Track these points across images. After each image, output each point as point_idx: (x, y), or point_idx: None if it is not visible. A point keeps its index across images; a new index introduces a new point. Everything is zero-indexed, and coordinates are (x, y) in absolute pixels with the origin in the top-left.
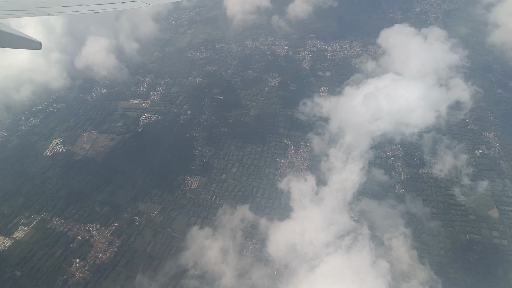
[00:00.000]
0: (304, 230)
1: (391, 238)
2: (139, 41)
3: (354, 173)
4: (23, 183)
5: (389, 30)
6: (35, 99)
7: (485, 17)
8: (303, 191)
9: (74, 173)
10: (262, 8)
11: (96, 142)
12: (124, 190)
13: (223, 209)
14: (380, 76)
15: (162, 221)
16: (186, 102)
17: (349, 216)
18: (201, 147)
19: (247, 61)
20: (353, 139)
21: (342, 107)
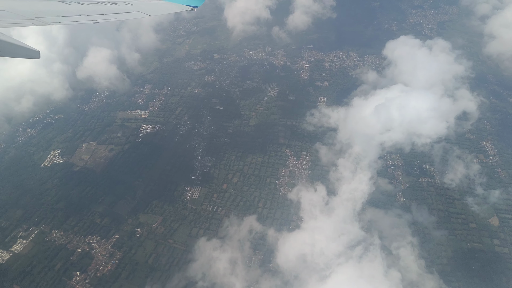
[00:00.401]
0: (314, 240)
1: (399, 248)
2: (138, 51)
3: (363, 183)
4: (21, 195)
5: (394, 42)
6: (36, 110)
7: (480, 28)
8: (312, 201)
9: (73, 184)
10: (262, 19)
11: (95, 153)
12: (124, 201)
13: (229, 220)
14: (388, 87)
15: (164, 232)
16: (186, 112)
17: (359, 226)
18: (201, 157)
19: (246, 71)
20: (361, 149)
21: (352, 118)
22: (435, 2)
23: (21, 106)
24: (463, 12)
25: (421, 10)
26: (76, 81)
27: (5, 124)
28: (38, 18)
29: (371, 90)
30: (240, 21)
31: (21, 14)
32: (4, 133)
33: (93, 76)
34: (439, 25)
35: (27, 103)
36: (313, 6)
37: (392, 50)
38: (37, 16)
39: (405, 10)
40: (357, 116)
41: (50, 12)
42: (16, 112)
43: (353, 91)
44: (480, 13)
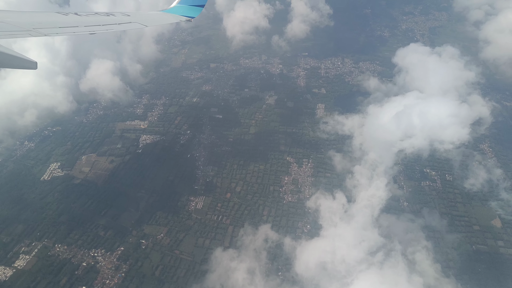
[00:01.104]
0: (334, 247)
1: (415, 252)
2: (135, 62)
3: (380, 189)
4: (21, 210)
5: (405, 49)
6: (40, 124)
7: (474, 34)
8: (331, 209)
9: (75, 197)
10: (259, 28)
11: (96, 165)
12: (127, 213)
13: (241, 230)
14: (404, 94)
15: (169, 243)
16: (185, 122)
17: (378, 232)
18: (203, 166)
19: (243, 79)
20: (378, 156)
21: (368, 125)
22: (425, 8)
23: (25, 120)
24: (456, 18)
25: (412, 17)
26: (79, 94)
27: (8, 138)
28: (35, 29)
29: (382, 97)
30: (237, 30)
31: (18, 25)
32: (1, 147)
33: (96, 88)
34: (430, 31)
35: (31, 117)
36: (310, 14)
37: (402, 58)
38: (35, 27)
39: (397, 17)
40: (373, 123)
41: (48, 23)
42: (19, 125)
43: (355, 98)
44: (473, 19)
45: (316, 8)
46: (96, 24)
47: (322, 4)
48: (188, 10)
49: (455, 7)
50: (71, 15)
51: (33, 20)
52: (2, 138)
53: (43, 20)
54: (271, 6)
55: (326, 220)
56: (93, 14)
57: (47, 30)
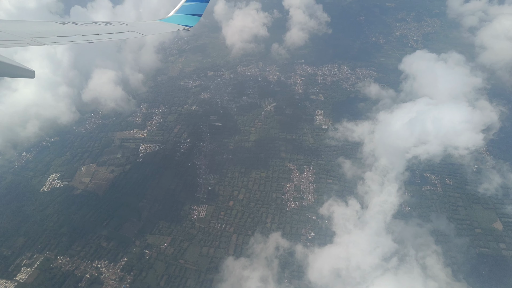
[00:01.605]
0: (348, 254)
1: (425, 257)
2: (134, 71)
3: (392, 195)
4: (21, 222)
5: (411, 56)
6: (42, 135)
7: (469, 40)
8: (345, 215)
9: (75, 208)
10: (258, 36)
11: (96, 175)
12: (130, 223)
13: (255, 238)
14: (414, 100)
15: (174, 252)
16: (185, 130)
17: (391, 238)
18: (205, 175)
19: (241, 87)
20: (389, 162)
21: (381, 131)
22: (417, 15)
23: (27, 131)
24: (450, 24)
25: (405, 23)
26: (81, 104)
27: (11, 150)
28: (33, 39)
29: (391, 103)
30: (235, 39)
31: (17, 34)
32: (1, 159)
33: (99, 98)
34: (423, 37)
35: (33, 128)
36: (307, 22)
37: (409, 64)
38: (33, 37)
39: (390, 24)
40: (384, 129)
41: (46, 33)
42: (21, 137)
43: (356, 104)
44: (467, 25)
45: (312, 16)
46: (94, 33)
47: (320, 12)
48: (186, 19)
49: (449, 14)
50: (69, 24)
51: (32, 29)
52: (4, 150)
53: (41, 30)
54: (269, 15)
55: (337, 226)
56: (91, 23)
57: (45, 39)
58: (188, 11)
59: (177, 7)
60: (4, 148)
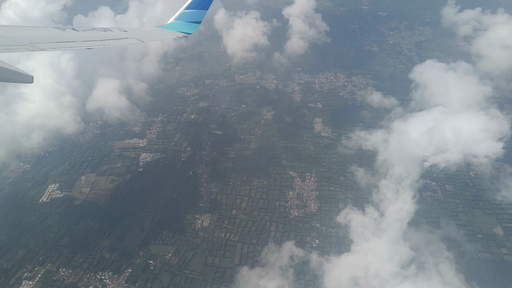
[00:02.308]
0: (366, 262)
1: (438, 264)
2: (139, 80)
3: (407, 203)
4: (21, 234)
5: (421, 66)
6: (47, 145)
7: (465, 48)
8: (363, 223)
9: (76, 219)
10: (257, 45)
11: (96, 185)
12: (132, 234)
13: (268, 247)
14: (429, 109)
15: (178, 263)
16: (185, 139)
17: (409, 245)
18: (207, 183)
19: (239, 95)
20: (403, 170)
21: (397, 140)
22: (409, 24)
23: (31, 142)
24: (445, 33)
25: (398, 32)
26: (86, 113)
27: (15, 161)
28: (32, 44)
29: (403, 112)
30: (234, 47)
31: (15, 40)
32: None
33: (103, 107)
34: (417, 45)
35: (37, 138)
36: (307, 31)
37: (420, 74)
38: (32, 42)
39: (383, 32)
40: (400, 138)
41: (45, 38)
42: (25, 147)
43: (359, 112)
44: (462, 34)
45: (310, 25)
46: (93, 40)
47: (318, 22)
48: (185, 26)
49: (443, 23)
50: (69, 30)
51: (31, 34)
52: (9, 162)
53: (40, 35)
54: (268, 24)
55: (354, 234)
56: (90, 30)
57: (44, 44)
58: (187, 18)
59: (176, 15)
60: (8, 159)
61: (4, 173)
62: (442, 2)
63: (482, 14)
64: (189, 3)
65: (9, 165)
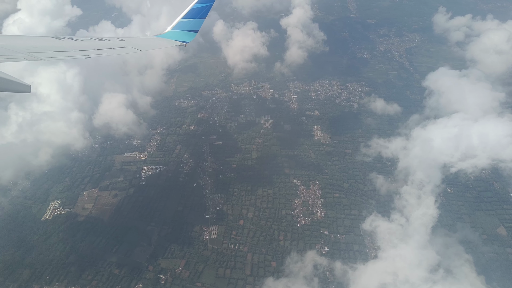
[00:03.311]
0: (395, 268)
1: (459, 266)
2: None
3: (430, 208)
4: (25, 253)
5: (435, 73)
6: (54, 163)
7: (459, 54)
8: (390, 230)
9: (81, 235)
10: (256, 56)
11: (99, 200)
12: (140, 248)
13: (291, 257)
14: (449, 116)
15: (189, 276)
16: (186, 150)
17: (434, 250)
18: (211, 195)
19: (237, 105)
20: (425, 176)
21: (421, 147)
22: (398, 30)
23: (39, 160)
24: (437, 39)
25: (387, 39)
26: (93, 129)
27: (24, 180)
28: (30, 54)
29: (420, 119)
30: (235, 58)
31: (13, 49)
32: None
33: (110, 122)
34: (407, 51)
35: (45, 156)
36: (305, 41)
37: (434, 81)
38: (30, 52)
39: (374, 39)
40: (423, 145)
41: (43, 48)
42: (33, 165)
43: (363, 119)
44: (454, 40)
45: (303, 35)
46: (91, 49)
47: (312, 31)
48: (182, 35)
49: (435, 30)
50: (66, 39)
51: (28, 44)
52: (17, 180)
53: (38, 44)
54: (266, 34)
55: (381, 241)
56: (88, 39)
57: (42, 54)
58: (184, 27)
59: (174, 23)
60: (16, 178)
61: (2, 191)
62: (428, 9)
63: (472, 21)
64: (187, 12)
65: (18, 184)
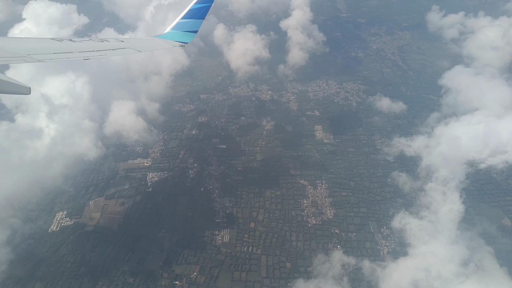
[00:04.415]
0: (427, 264)
1: (482, 259)
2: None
3: (456, 203)
4: (35, 266)
5: (451, 72)
6: (68, 173)
7: (455, 51)
8: (420, 227)
9: (91, 246)
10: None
11: (106, 209)
12: (153, 255)
13: (318, 258)
14: (472, 113)
15: (205, 281)
16: (189, 155)
17: (465, 244)
18: (220, 198)
19: (237, 108)
20: (449, 172)
21: (447, 144)
22: (388, 29)
23: (52, 171)
24: (424, 36)
25: (379, 37)
26: (104, 137)
27: (39, 192)
28: (29, 55)
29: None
30: (243, 63)
31: (12, 51)
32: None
33: (121, 130)
34: (399, 49)
35: (58, 167)
36: (298, 42)
37: (451, 79)
38: (29, 53)
39: (366, 38)
40: (449, 142)
41: (42, 49)
42: (47, 177)
43: (371, 118)
44: (449, 37)
45: (299, 36)
46: (90, 50)
47: (317, 33)
48: (181, 36)
49: (429, 28)
50: (66, 41)
51: (27, 46)
52: (36, 193)
53: (37, 46)
54: (265, 37)
55: (411, 238)
56: (87, 40)
57: (41, 56)
58: (183, 28)
59: (173, 24)
60: (35, 191)
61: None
62: (416, 7)
63: (465, 18)
64: (186, 13)
65: (34, 197)
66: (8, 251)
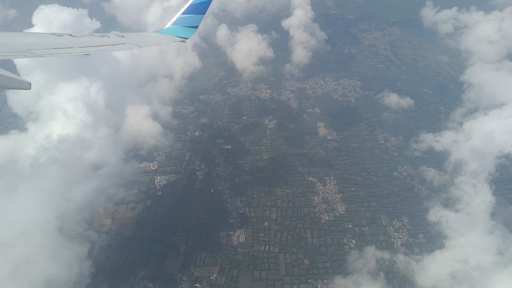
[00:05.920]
0: (465, 255)
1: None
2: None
3: (487, 195)
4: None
5: (473, 68)
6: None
7: (452, 45)
8: (455, 219)
9: (105, 253)
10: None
11: (116, 215)
12: (170, 259)
13: (352, 255)
14: (501, 107)
15: (226, 281)
16: (196, 157)
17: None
18: (231, 199)
19: (238, 108)
20: (478, 166)
21: (479, 138)
22: (378, 25)
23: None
24: (413, 31)
25: (369, 33)
26: (121, 144)
27: (63, 203)
28: (30, 51)
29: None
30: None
31: (13, 46)
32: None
33: (138, 135)
34: (390, 45)
35: (78, 174)
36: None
37: (473, 75)
38: (29, 49)
39: (357, 34)
40: (482, 136)
41: (42, 45)
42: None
43: (381, 113)
44: (444, 32)
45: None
46: (90, 45)
47: (318, 30)
48: (182, 31)
49: (424, 23)
50: (66, 36)
51: (28, 41)
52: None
53: (37, 41)
54: (267, 36)
55: (448, 230)
56: (87, 35)
57: (41, 51)
58: (184, 23)
59: (173, 19)
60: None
61: None
62: (402, 3)
63: (458, 13)
64: (186, 8)
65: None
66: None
